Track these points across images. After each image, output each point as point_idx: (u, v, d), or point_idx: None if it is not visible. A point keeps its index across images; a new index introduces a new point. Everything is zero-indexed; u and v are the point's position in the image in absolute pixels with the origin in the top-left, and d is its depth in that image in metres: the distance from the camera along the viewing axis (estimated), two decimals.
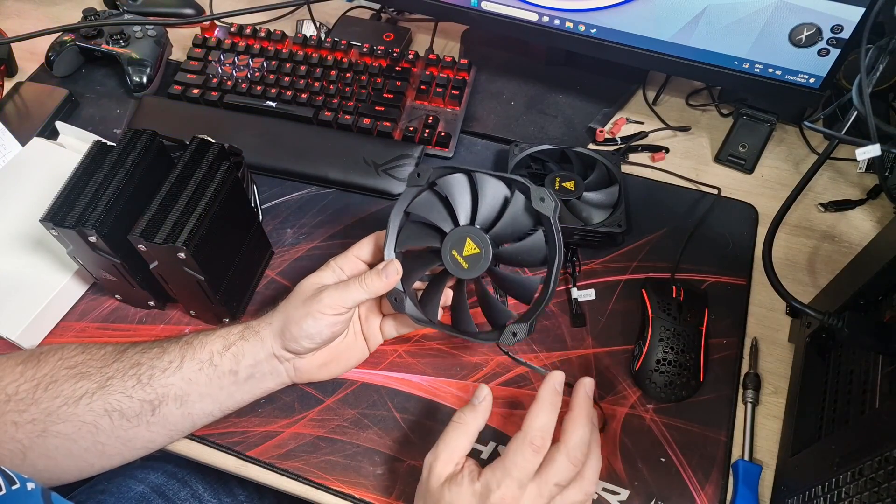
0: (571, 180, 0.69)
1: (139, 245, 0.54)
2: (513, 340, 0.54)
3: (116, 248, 0.56)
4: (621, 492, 0.57)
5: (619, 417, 0.60)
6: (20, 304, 0.63)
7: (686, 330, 0.62)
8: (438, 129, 0.78)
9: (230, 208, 0.59)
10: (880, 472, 0.42)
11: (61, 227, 0.54)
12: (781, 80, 0.69)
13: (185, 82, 0.81)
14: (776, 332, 0.65)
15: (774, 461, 0.58)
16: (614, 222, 0.67)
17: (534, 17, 0.75)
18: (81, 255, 0.59)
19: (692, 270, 0.69)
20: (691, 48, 0.70)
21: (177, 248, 0.53)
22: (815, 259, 0.70)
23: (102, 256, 0.57)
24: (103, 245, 0.55)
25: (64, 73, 0.86)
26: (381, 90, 0.80)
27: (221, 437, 0.59)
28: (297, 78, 0.81)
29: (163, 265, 0.57)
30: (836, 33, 0.63)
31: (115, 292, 0.65)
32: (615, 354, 0.64)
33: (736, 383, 0.62)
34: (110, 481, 0.69)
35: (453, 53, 0.90)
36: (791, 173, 0.77)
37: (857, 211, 0.74)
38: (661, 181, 0.76)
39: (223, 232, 0.58)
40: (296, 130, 0.78)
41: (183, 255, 0.54)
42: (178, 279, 0.58)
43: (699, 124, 0.82)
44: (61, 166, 0.71)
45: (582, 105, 0.83)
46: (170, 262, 0.55)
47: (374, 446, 0.59)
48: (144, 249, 0.55)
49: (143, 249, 0.55)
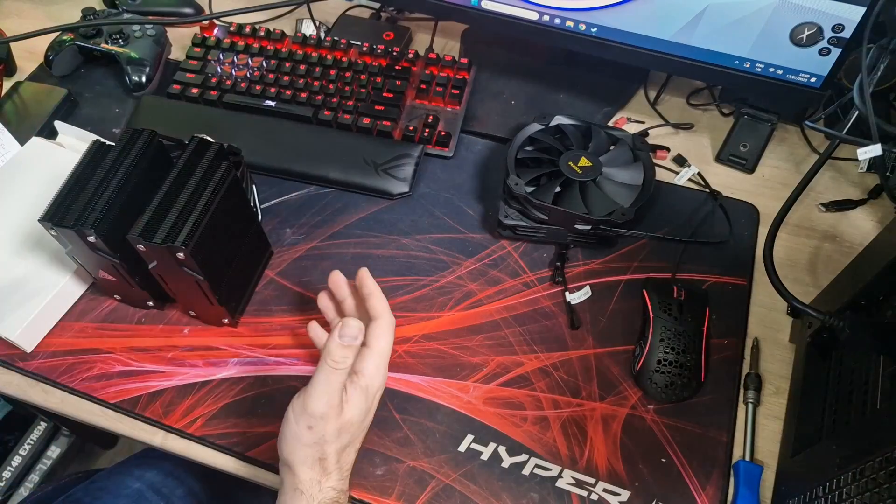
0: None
1: (138, 245, 0.54)
2: (622, 218, 0.64)
3: (115, 247, 0.56)
4: (622, 492, 0.56)
5: (620, 418, 0.60)
6: (19, 303, 0.63)
7: (687, 330, 0.62)
8: (438, 129, 0.78)
9: (229, 208, 0.59)
10: (881, 473, 0.42)
11: (60, 227, 0.54)
12: (782, 80, 0.69)
13: (185, 82, 0.81)
14: (777, 333, 0.65)
15: (775, 462, 0.58)
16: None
17: (534, 16, 0.75)
18: (80, 255, 0.59)
19: (693, 270, 0.68)
20: (692, 47, 0.70)
21: (176, 247, 0.53)
22: (817, 259, 0.70)
23: (101, 256, 0.57)
24: (102, 245, 0.55)
25: (63, 73, 0.85)
26: (380, 89, 0.80)
27: (220, 437, 0.59)
28: (296, 77, 0.81)
29: (162, 265, 0.56)
30: (837, 33, 0.63)
31: (114, 292, 0.65)
32: (616, 355, 0.63)
33: (737, 384, 0.62)
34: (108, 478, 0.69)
35: (453, 53, 0.90)
36: (792, 173, 0.77)
37: (859, 211, 0.74)
38: (661, 180, 0.75)
39: (222, 231, 0.58)
40: (295, 130, 0.77)
41: (182, 255, 0.53)
42: (177, 279, 0.58)
43: (700, 124, 0.82)
44: (60, 166, 0.71)
45: (582, 104, 0.83)
46: (169, 262, 0.55)
47: (374, 446, 0.58)
48: (143, 249, 0.55)
49: (143, 249, 0.55)
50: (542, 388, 0.62)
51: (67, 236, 0.56)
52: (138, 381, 0.62)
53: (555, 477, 0.57)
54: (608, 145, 0.72)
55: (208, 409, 0.60)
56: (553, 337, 0.65)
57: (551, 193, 0.67)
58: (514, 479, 0.57)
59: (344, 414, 0.49)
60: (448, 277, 0.68)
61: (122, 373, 0.62)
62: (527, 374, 0.62)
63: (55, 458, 1.21)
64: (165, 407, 0.60)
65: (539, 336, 0.65)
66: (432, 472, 0.58)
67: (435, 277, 0.68)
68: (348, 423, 0.49)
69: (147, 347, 0.64)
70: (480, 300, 0.67)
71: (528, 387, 0.62)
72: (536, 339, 0.64)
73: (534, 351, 0.64)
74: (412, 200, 0.74)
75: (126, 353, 0.63)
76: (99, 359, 0.63)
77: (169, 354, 0.63)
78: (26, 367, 0.63)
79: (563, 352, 0.64)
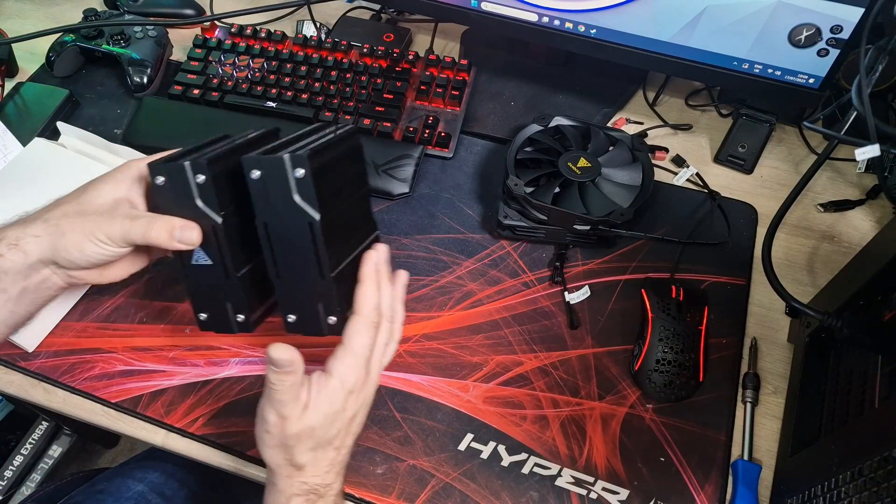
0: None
1: (252, 171, 0.46)
2: (621, 219, 0.65)
3: (224, 204, 0.48)
4: (621, 491, 0.57)
5: (619, 417, 0.60)
6: None
7: (686, 330, 0.62)
8: (438, 130, 0.78)
9: (350, 160, 0.52)
10: (879, 472, 0.42)
11: (170, 164, 0.47)
12: (781, 81, 0.70)
13: (186, 83, 0.81)
14: (776, 332, 0.65)
15: (774, 461, 0.58)
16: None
17: (533, 18, 0.75)
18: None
19: (692, 270, 0.69)
20: (691, 48, 0.70)
21: (298, 156, 0.45)
22: (815, 259, 0.71)
23: (203, 213, 0.48)
24: (210, 191, 0.47)
25: (64, 74, 0.86)
26: (381, 90, 0.80)
27: (221, 436, 0.59)
28: (297, 78, 0.81)
29: (269, 209, 0.47)
30: (835, 34, 0.63)
31: (204, 301, 0.52)
32: (615, 354, 0.64)
33: (735, 383, 0.62)
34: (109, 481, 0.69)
35: (453, 54, 0.90)
36: (790, 173, 0.77)
37: (857, 211, 0.74)
38: (660, 181, 0.76)
39: (340, 179, 0.50)
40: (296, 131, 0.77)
41: (302, 173, 0.45)
42: (287, 234, 0.47)
43: (699, 124, 0.82)
44: (62, 166, 0.72)
45: (582, 105, 0.83)
46: (282, 201, 0.46)
47: (374, 446, 0.59)
48: (256, 176, 0.46)
49: (255, 176, 0.46)
50: (541, 388, 0.62)
51: (173, 186, 0.48)
52: (140, 380, 0.62)
53: (554, 476, 0.58)
54: (607, 146, 0.73)
55: (209, 409, 0.61)
56: (552, 336, 0.65)
57: (550, 194, 0.68)
58: (514, 478, 0.58)
59: (305, 418, 0.46)
60: (448, 277, 0.69)
61: (124, 372, 0.63)
62: (526, 373, 0.63)
63: (57, 457, 1.21)
64: (167, 406, 0.61)
65: (538, 336, 0.65)
66: (432, 470, 0.58)
67: (435, 277, 0.69)
68: (309, 427, 0.47)
69: (149, 347, 0.64)
70: (480, 300, 0.67)
71: (528, 386, 0.62)
72: (536, 338, 0.65)
73: (533, 350, 0.64)
74: (412, 201, 0.74)
75: (127, 353, 0.64)
76: (100, 358, 0.63)
77: (170, 354, 0.64)
78: (28, 366, 0.63)
79: (563, 351, 0.64)
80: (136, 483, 0.68)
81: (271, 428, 0.47)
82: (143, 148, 0.74)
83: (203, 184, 0.47)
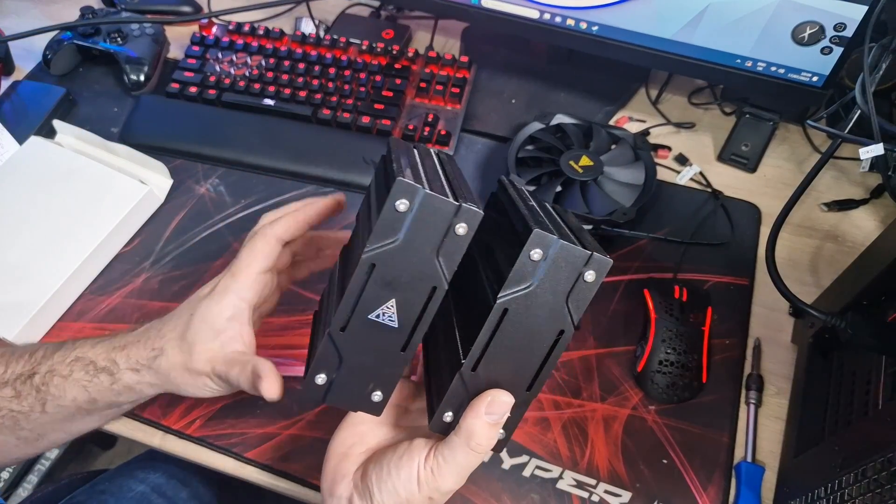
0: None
1: (535, 250, 0.35)
2: (623, 218, 0.64)
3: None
4: (623, 494, 0.56)
5: (621, 419, 0.60)
6: (17, 303, 0.62)
7: (688, 331, 0.61)
8: (438, 128, 0.78)
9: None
10: (883, 474, 0.42)
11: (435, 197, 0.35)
12: (784, 79, 0.69)
13: (183, 80, 0.81)
14: (779, 333, 0.65)
15: (777, 463, 0.58)
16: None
17: (535, 15, 0.75)
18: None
19: (694, 271, 0.68)
20: (693, 46, 0.70)
21: (602, 260, 0.36)
22: (818, 259, 0.70)
23: (432, 268, 0.36)
24: (461, 248, 0.36)
25: (61, 72, 0.85)
26: (380, 88, 0.80)
27: (219, 438, 0.59)
28: (295, 76, 0.81)
29: (535, 299, 0.37)
30: (838, 31, 0.63)
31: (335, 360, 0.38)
32: (617, 355, 0.63)
33: (738, 384, 0.62)
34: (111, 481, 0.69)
35: (453, 51, 0.89)
36: (794, 172, 0.77)
37: (861, 210, 0.73)
38: (663, 180, 0.75)
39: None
40: (294, 129, 0.77)
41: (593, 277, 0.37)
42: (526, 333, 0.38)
43: (701, 123, 0.82)
44: (59, 165, 0.71)
45: (583, 103, 0.82)
46: (553, 297, 0.37)
47: None
48: (538, 257, 0.36)
49: (537, 257, 0.36)
50: (542, 389, 0.61)
51: (416, 222, 0.35)
52: None
53: (556, 478, 0.57)
54: (609, 144, 0.72)
55: (207, 410, 0.60)
56: None
57: (552, 193, 0.67)
58: (515, 481, 0.57)
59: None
60: None
61: None
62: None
63: (53, 458, 1.21)
64: (164, 407, 0.60)
65: None
66: None
67: None
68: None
69: None
70: None
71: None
72: None
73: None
74: None
75: None
76: None
77: None
78: None
79: (564, 352, 0.63)
80: (137, 483, 0.68)
81: (440, 498, 0.41)
82: (141, 147, 0.73)
83: (462, 236, 0.36)
